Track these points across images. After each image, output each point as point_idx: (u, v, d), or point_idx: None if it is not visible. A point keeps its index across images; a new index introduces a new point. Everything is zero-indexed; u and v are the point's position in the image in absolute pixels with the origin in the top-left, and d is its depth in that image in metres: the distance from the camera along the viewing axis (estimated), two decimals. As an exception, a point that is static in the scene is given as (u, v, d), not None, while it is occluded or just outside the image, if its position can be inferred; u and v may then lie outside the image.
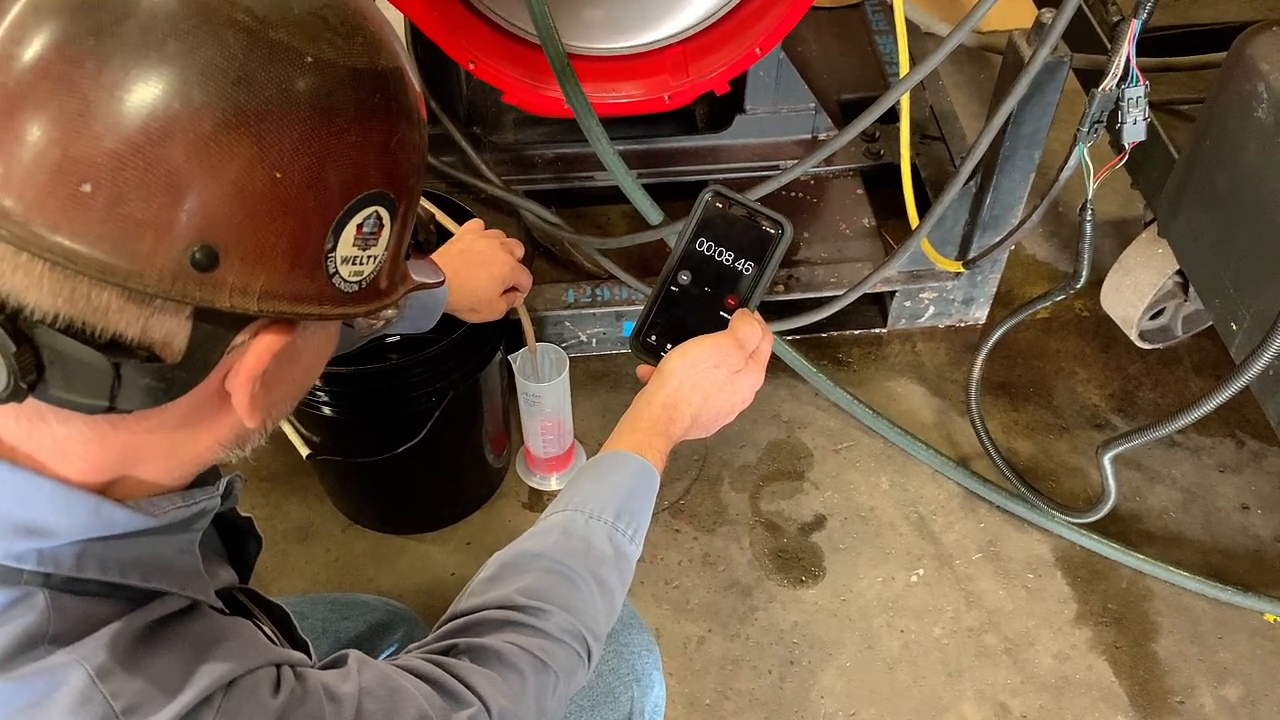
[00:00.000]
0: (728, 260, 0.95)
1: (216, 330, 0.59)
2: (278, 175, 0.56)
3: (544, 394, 1.59)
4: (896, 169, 1.62)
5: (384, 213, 0.62)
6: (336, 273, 0.61)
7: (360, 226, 0.61)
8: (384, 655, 1.17)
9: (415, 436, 1.45)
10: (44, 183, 0.53)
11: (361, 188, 0.60)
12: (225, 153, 0.54)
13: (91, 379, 0.56)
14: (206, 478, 0.70)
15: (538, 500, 1.76)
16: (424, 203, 0.73)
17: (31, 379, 0.55)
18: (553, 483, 1.77)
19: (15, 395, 0.55)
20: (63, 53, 0.53)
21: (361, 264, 0.63)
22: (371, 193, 0.61)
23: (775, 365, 1.82)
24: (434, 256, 0.86)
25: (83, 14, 0.54)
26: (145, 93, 0.53)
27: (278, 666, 0.65)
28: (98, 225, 0.53)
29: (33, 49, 0.54)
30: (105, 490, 0.62)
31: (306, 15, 0.57)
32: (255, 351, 0.61)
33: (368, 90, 0.59)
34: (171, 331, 0.57)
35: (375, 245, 0.63)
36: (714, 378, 0.92)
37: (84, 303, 0.55)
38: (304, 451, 1.49)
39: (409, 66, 0.64)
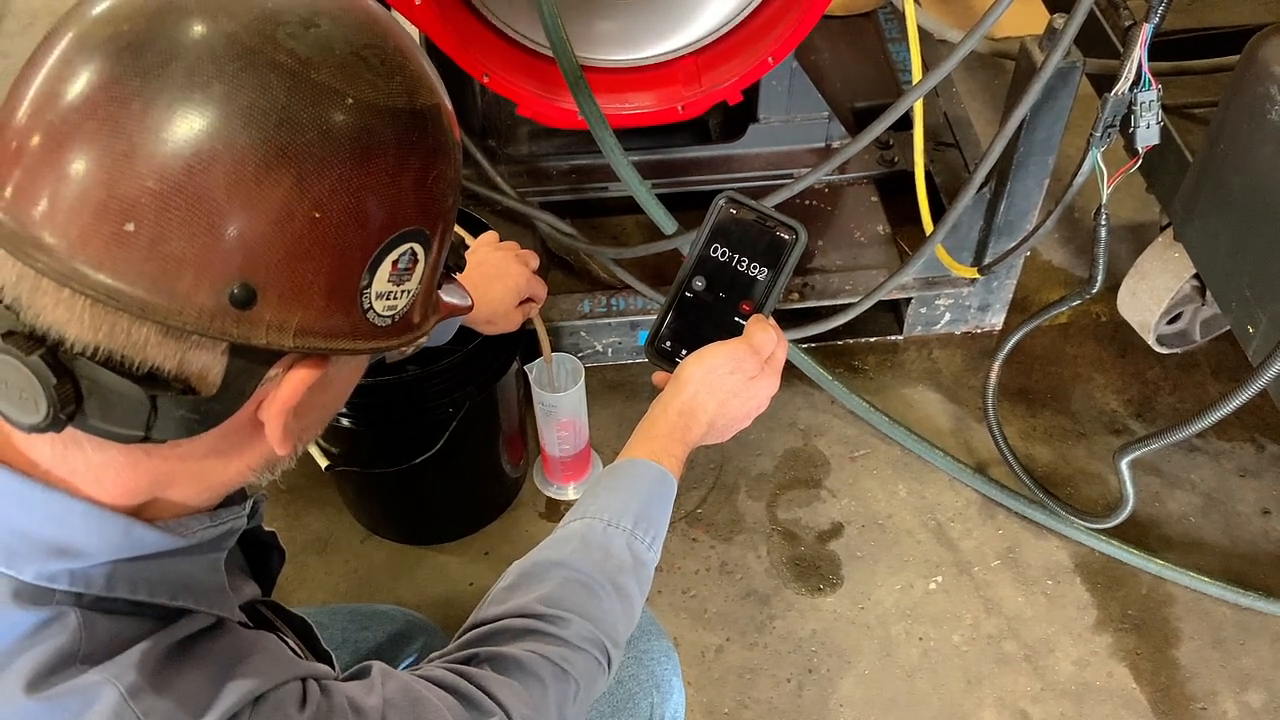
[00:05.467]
0: (742, 266, 0.95)
1: (251, 364, 0.60)
2: (317, 215, 0.57)
3: (560, 403, 1.60)
4: (910, 176, 1.63)
5: (419, 248, 0.63)
6: (371, 308, 0.62)
7: (395, 263, 0.62)
8: (403, 665, 1.17)
9: (433, 447, 1.45)
10: (88, 221, 0.54)
11: (398, 225, 0.61)
12: (266, 193, 0.55)
13: (128, 410, 0.57)
14: (233, 497, 0.71)
15: (555, 510, 1.77)
16: None
17: (70, 410, 0.56)
18: (570, 492, 1.77)
19: (55, 425, 0.56)
20: (110, 93, 0.54)
21: (395, 299, 0.63)
22: (408, 230, 0.61)
23: (791, 373, 1.82)
24: (450, 270, 0.86)
25: (130, 55, 0.55)
26: (190, 134, 0.54)
27: (303, 681, 0.66)
28: (139, 264, 0.54)
29: (79, 88, 0.55)
30: (136, 512, 0.63)
31: (348, 56, 0.58)
32: (290, 384, 0.62)
33: (406, 130, 0.60)
34: (207, 365, 0.58)
35: (409, 280, 0.64)
36: (730, 384, 0.93)
37: (123, 337, 0.56)
38: (323, 463, 1.50)
39: (447, 101, 0.65)
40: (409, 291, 0.64)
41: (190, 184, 0.54)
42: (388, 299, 0.63)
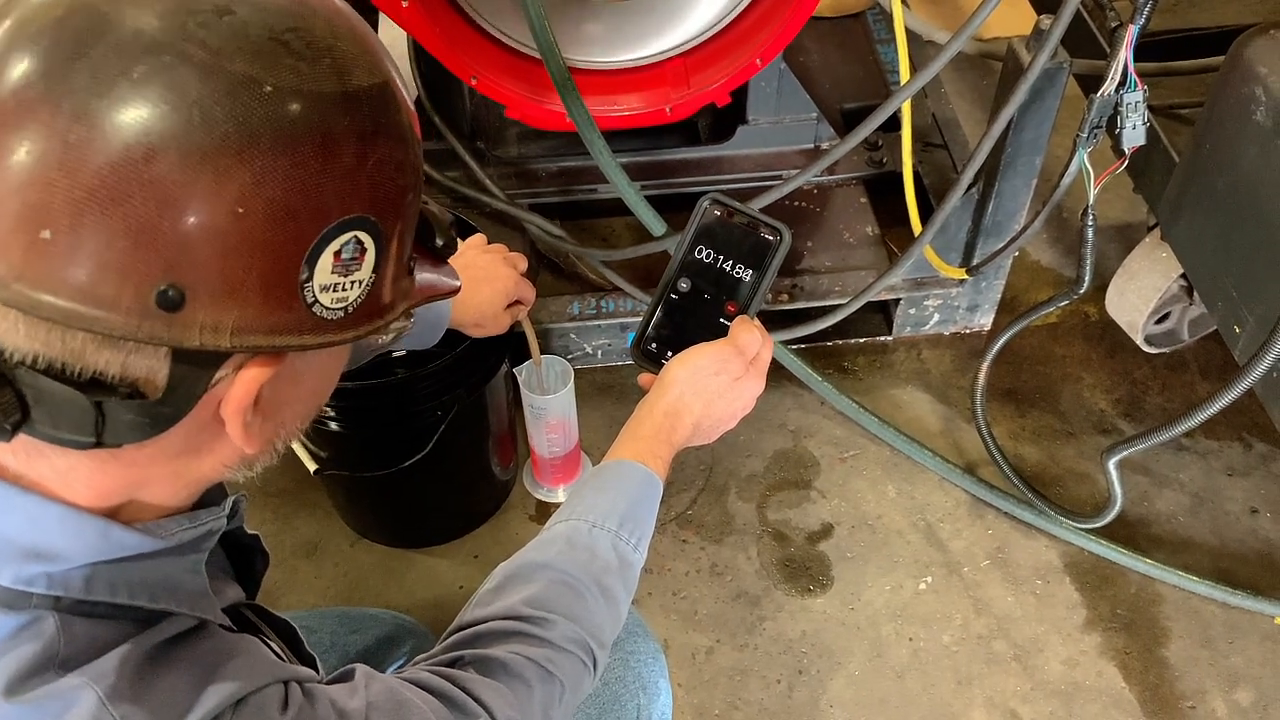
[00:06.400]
0: (727, 267, 0.96)
1: (196, 367, 0.58)
2: (240, 210, 0.54)
3: (549, 406, 1.60)
4: (899, 177, 1.63)
5: (365, 237, 0.60)
6: (316, 301, 0.60)
7: (338, 254, 0.59)
8: (392, 669, 1.17)
9: (422, 450, 1.45)
10: (5, 231, 0.52)
11: (335, 215, 0.58)
12: (183, 192, 0.53)
13: (76, 417, 0.56)
14: (213, 497, 0.70)
15: (545, 513, 1.77)
16: (436, 205, 0.72)
17: (15, 419, 0.55)
18: (560, 494, 1.77)
19: (1, 435, 0.56)
20: (17, 98, 0.52)
21: (344, 290, 0.61)
22: (348, 218, 0.59)
23: (781, 374, 1.82)
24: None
25: (38, 56, 0.53)
26: (97, 137, 0.52)
27: (285, 683, 0.65)
28: (60, 271, 0.53)
29: None
30: (113, 514, 0.63)
31: (265, 42, 0.55)
32: (242, 383, 0.60)
33: (335, 115, 0.57)
34: (152, 369, 0.57)
35: (358, 270, 0.61)
36: (715, 385, 0.93)
37: (59, 345, 0.55)
38: (311, 467, 1.49)
39: (393, 80, 0.62)
40: (360, 282, 0.62)
41: (101, 188, 0.52)
42: (334, 291, 0.60)
